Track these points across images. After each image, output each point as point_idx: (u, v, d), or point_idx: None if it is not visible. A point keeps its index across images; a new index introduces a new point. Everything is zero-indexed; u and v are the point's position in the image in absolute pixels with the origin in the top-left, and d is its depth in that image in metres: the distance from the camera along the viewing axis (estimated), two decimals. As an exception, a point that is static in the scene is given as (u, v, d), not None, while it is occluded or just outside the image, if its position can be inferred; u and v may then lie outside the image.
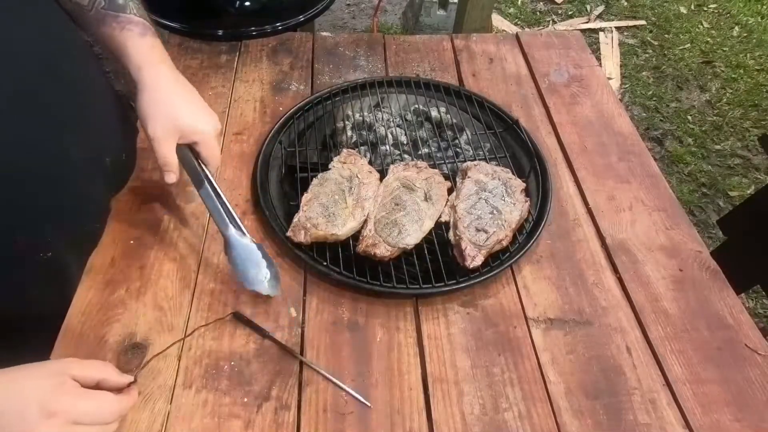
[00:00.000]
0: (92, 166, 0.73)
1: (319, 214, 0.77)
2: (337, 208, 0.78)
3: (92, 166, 0.73)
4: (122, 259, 0.76)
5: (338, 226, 0.76)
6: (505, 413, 0.65)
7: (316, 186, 0.81)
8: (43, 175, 0.64)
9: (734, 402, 0.68)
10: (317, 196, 0.79)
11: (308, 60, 1.10)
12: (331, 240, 0.77)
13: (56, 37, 0.67)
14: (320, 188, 0.80)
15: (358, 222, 0.78)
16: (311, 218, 0.76)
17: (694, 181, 2.09)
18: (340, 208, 0.78)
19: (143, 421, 0.62)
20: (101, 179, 0.77)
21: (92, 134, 0.73)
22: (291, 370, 0.67)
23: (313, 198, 0.79)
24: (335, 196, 0.79)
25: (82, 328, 0.69)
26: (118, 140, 0.81)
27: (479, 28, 1.47)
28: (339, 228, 0.76)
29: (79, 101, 0.70)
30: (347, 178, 0.82)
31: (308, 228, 0.76)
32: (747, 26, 2.78)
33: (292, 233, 0.76)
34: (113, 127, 0.80)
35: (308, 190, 0.81)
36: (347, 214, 0.78)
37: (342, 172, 0.83)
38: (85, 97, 0.72)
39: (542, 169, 0.91)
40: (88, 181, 0.73)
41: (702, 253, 0.83)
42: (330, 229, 0.76)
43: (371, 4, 2.69)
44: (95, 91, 0.76)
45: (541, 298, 0.77)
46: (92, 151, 0.72)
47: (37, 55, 0.62)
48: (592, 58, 1.16)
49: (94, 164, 0.73)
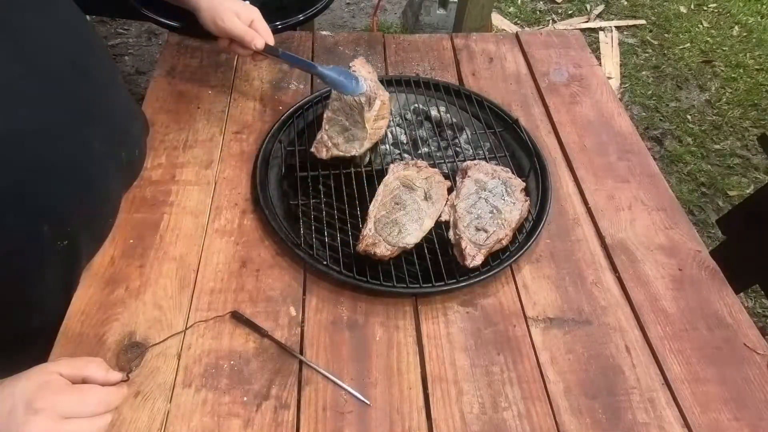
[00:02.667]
0: (110, 160, 0.76)
1: (338, 132, 0.85)
2: (357, 127, 0.85)
3: (110, 159, 0.76)
4: (122, 258, 0.76)
5: (356, 146, 0.84)
6: (504, 412, 0.65)
7: (335, 101, 0.88)
8: (67, 164, 0.67)
9: (733, 401, 0.68)
10: (336, 114, 0.87)
11: (308, 59, 1.10)
12: (349, 158, 0.85)
13: (79, 35, 0.71)
14: (338, 103, 0.87)
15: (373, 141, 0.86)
16: (332, 137, 0.85)
17: (694, 180, 2.09)
18: (358, 129, 0.85)
19: (143, 419, 0.62)
20: (118, 174, 0.80)
21: (110, 128, 0.76)
22: (290, 369, 0.67)
23: (333, 117, 0.86)
24: (353, 114, 0.86)
25: (81, 327, 0.69)
26: (132, 136, 0.84)
27: (479, 27, 1.47)
28: (357, 148, 0.84)
29: (99, 96, 0.74)
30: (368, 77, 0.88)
31: (329, 147, 0.83)
32: (747, 26, 2.78)
33: (315, 149, 0.84)
34: (128, 123, 0.83)
35: (328, 108, 0.88)
36: (364, 134, 0.85)
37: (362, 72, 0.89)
38: (105, 93, 0.76)
39: (542, 169, 0.91)
40: (107, 174, 0.76)
41: (701, 253, 0.83)
42: (348, 148, 0.84)
43: (371, 3, 2.69)
44: (113, 87, 0.79)
45: (540, 298, 0.77)
46: (110, 144, 0.75)
47: (62, 50, 0.66)
48: (591, 57, 1.16)
49: (111, 158, 0.76)
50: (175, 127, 0.94)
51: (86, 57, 0.72)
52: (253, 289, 0.74)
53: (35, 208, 0.64)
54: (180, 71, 1.04)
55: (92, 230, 0.75)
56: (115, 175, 0.78)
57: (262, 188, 0.84)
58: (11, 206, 0.60)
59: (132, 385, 0.64)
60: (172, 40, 1.10)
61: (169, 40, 1.10)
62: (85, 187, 0.71)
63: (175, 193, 0.84)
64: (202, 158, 0.90)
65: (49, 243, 0.67)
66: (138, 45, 2.43)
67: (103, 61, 0.78)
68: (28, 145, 0.61)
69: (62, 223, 0.67)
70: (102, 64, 0.77)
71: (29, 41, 0.61)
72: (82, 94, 0.69)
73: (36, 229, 0.64)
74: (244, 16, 0.86)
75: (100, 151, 0.72)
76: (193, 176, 0.87)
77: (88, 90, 0.71)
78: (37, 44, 0.62)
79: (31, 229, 0.64)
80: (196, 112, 0.97)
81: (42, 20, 0.64)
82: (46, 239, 0.66)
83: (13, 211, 0.61)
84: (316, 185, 0.85)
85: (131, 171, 0.84)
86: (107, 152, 0.74)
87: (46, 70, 0.63)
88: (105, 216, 0.77)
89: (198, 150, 0.91)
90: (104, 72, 0.77)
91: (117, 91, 0.81)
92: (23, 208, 0.62)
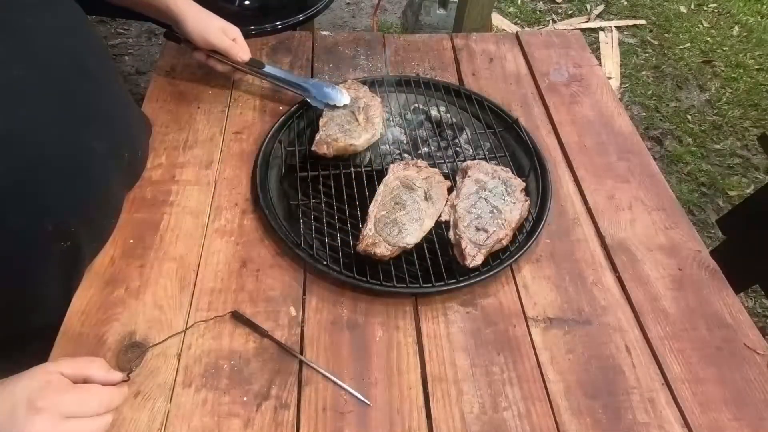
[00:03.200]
0: (111, 160, 0.76)
1: (336, 131, 0.88)
2: (351, 125, 0.89)
3: (111, 159, 0.76)
4: (122, 258, 0.76)
5: (355, 138, 0.87)
6: (504, 412, 0.65)
7: (328, 111, 0.93)
8: (69, 164, 0.67)
9: (733, 401, 0.68)
10: (332, 118, 0.91)
11: (308, 59, 1.10)
12: (350, 151, 0.87)
13: (82, 35, 0.72)
14: (332, 112, 0.92)
15: (371, 135, 0.89)
16: (331, 134, 0.87)
17: (694, 180, 2.09)
18: (354, 126, 0.89)
19: (143, 420, 0.62)
20: (119, 174, 0.80)
21: (113, 128, 0.77)
22: (290, 369, 0.67)
23: (329, 120, 0.91)
24: (347, 117, 0.91)
25: (81, 327, 0.69)
26: (134, 136, 0.84)
27: (479, 27, 1.47)
28: (356, 139, 0.87)
29: (101, 96, 0.74)
30: (353, 99, 0.94)
31: (330, 142, 0.86)
32: (747, 26, 2.78)
33: (316, 147, 0.86)
34: (130, 124, 0.84)
35: (323, 115, 0.92)
36: (361, 129, 0.89)
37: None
38: (107, 93, 0.77)
39: (542, 169, 0.91)
40: (109, 174, 0.76)
41: (701, 253, 0.83)
42: (348, 140, 0.86)
43: (371, 3, 2.68)
44: (114, 88, 0.80)
45: (540, 298, 0.77)
46: (112, 144, 0.76)
47: (65, 50, 0.66)
48: (591, 57, 1.16)
49: (113, 158, 0.77)
50: (175, 127, 0.94)
51: (87, 58, 0.72)
52: (253, 289, 0.74)
53: (36, 208, 0.64)
54: (180, 71, 1.04)
55: (94, 230, 0.75)
56: (116, 175, 0.78)
57: (262, 188, 0.84)
58: (12, 206, 0.60)
59: (132, 385, 0.64)
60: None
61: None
62: (87, 188, 0.71)
63: (175, 193, 0.84)
64: (202, 158, 0.90)
65: (52, 243, 0.67)
66: (138, 45, 2.43)
67: (103, 61, 0.79)
68: (29, 145, 0.61)
69: (64, 224, 0.67)
70: (102, 64, 0.77)
71: (31, 42, 0.61)
72: (83, 94, 0.69)
73: (38, 230, 0.64)
74: (230, 32, 0.93)
75: (100, 152, 0.72)
76: (193, 176, 0.87)
77: (88, 90, 0.71)
78: (39, 45, 0.63)
79: (33, 230, 0.64)
80: (196, 112, 0.97)
81: (43, 21, 0.64)
82: (48, 240, 0.66)
83: (14, 211, 0.61)
84: (316, 185, 0.86)
85: (133, 171, 0.84)
86: (108, 152, 0.74)
87: (47, 70, 0.63)
88: (107, 216, 0.77)
89: (198, 150, 0.91)
90: (105, 73, 0.77)
91: (117, 91, 0.81)
92: (24, 207, 0.62)
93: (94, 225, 0.75)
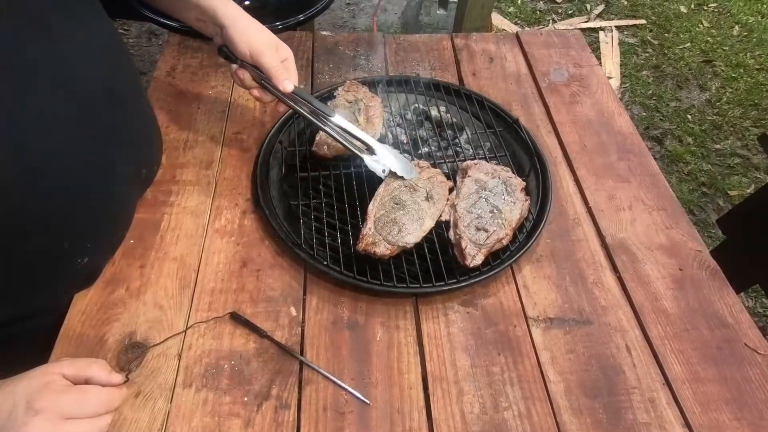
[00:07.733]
0: (132, 178, 0.77)
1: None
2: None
3: (133, 179, 0.78)
4: (122, 258, 0.76)
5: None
6: (504, 412, 0.65)
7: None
8: (94, 187, 0.68)
9: (734, 401, 0.68)
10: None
11: (308, 59, 1.10)
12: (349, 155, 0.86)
13: (115, 63, 0.73)
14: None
15: (371, 135, 0.86)
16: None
17: (694, 180, 2.09)
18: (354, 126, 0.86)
19: (143, 420, 0.62)
20: (137, 190, 0.81)
21: (137, 151, 0.78)
22: (291, 369, 0.67)
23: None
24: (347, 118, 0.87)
25: (81, 327, 0.69)
26: (153, 152, 0.85)
27: (479, 27, 1.47)
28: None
29: (128, 120, 0.75)
30: (353, 102, 0.93)
31: (330, 143, 0.85)
32: (747, 25, 2.78)
33: (316, 148, 0.86)
34: (151, 141, 0.84)
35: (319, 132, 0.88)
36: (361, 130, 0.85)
37: (347, 98, 0.94)
38: (133, 116, 0.77)
39: (542, 168, 0.91)
40: (127, 192, 0.77)
41: (702, 253, 0.83)
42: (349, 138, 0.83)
43: (371, 4, 2.69)
44: (140, 109, 0.80)
45: (540, 298, 0.77)
46: (136, 165, 0.77)
47: (99, 80, 0.67)
48: (592, 57, 1.16)
49: (135, 177, 0.78)
50: (175, 127, 0.94)
51: (122, 85, 0.73)
52: (253, 289, 0.74)
53: (60, 231, 0.64)
54: (180, 71, 1.04)
55: (109, 244, 0.75)
56: (134, 192, 0.80)
57: (262, 188, 0.84)
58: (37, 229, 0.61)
59: (132, 386, 0.64)
60: (172, 40, 1.10)
61: (169, 40, 1.10)
62: (106, 208, 0.72)
63: (175, 193, 0.84)
64: (203, 158, 0.90)
65: (70, 260, 0.67)
66: (138, 45, 2.43)
67: (133, 81, 0.79)
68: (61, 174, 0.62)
69: (83, 242, 0.68)
70: (133, 86, 0.78)
71: (69, 71, 0.62)
72: (114, 122, 0.70)
73: (58, 250, 0.65)
74: (282, 51, 0.80)
75: (123, 174, 0.73)
76: (194, 176, 0.87)
77: (120, 117, 0.72)
78: (77, 74, 0.63)
79: (54, 250, 0.65)
80: (197, 112, 0.97)
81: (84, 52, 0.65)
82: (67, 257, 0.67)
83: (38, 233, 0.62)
84: (316, 185, 0.86)
85: (147, 183, 0.85)
86: (129, 172, 0.76)
87: (84, 101, 0.64)
88: (122, 229, 0.78)
89: (198, 150, 0.91)
90: (135, 95, 0.78)
91: (143, 110, 0.81)
92: (49, 230, 0.63)
93: (111, 240, 0.75)
